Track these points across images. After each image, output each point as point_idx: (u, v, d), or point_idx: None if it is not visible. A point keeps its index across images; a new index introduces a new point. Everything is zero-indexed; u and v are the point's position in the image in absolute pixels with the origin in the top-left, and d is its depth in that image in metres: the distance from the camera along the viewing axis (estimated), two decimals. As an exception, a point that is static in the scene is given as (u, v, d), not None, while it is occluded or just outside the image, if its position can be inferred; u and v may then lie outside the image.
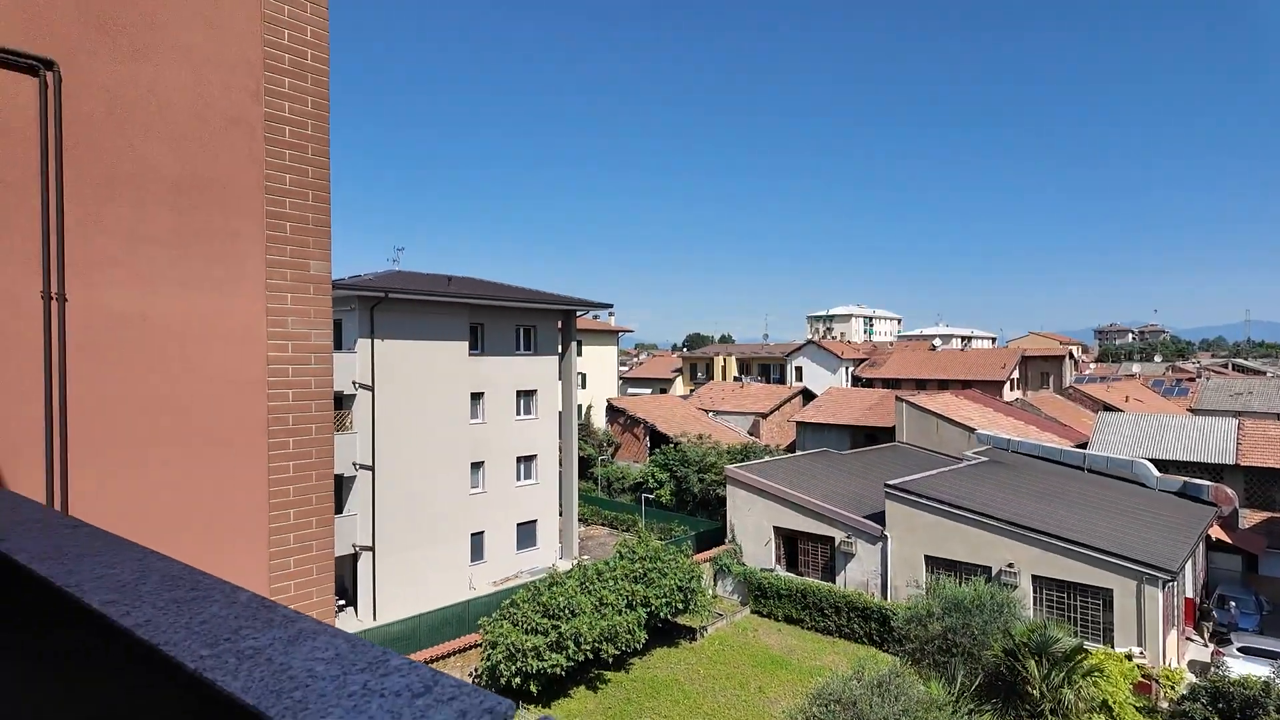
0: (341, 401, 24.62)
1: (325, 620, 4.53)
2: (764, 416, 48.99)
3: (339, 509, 24.46)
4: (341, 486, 24.74)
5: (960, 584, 20.18)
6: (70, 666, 1.50)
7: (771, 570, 25.68)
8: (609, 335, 58.62)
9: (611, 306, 37.64)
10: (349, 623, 23.79)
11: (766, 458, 34.54)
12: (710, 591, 25.08)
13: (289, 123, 4.43)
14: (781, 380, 63.23)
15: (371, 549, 24.68)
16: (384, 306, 25.07)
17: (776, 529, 26.09)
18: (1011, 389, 52.55)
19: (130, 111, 3.79)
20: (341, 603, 25.04)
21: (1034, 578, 20.27)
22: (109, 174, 3.71)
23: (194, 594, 1.39)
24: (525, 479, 30.61)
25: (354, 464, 24.51)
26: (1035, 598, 20.28)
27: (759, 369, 67.47)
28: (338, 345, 25.40)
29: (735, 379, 64.58)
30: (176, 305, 3.93)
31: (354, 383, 24.58)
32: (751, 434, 47.47)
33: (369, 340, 24.81)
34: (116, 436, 3.70)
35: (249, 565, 4.19)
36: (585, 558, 26.97)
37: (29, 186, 3.45)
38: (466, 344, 27.88)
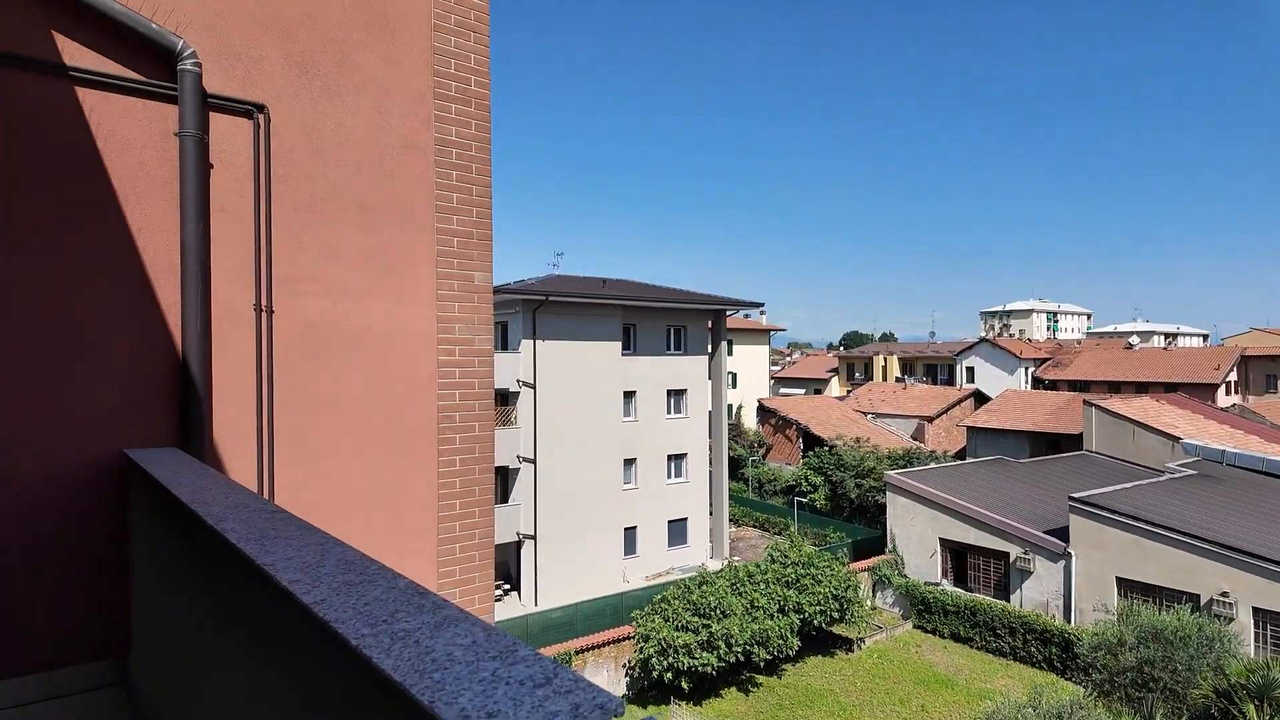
0: (506, 399, 26.24)
1: (485, 603, 4.89)
2: (929, 420, 46.24)
3: (504, 499, 26.10)
4: (506, 478, 26.38)
5: (1159, 611, 17.94)
6: (266, 632, 1.75)
7: (937, 584, 24.22)
8: (760, 334, 57.92)
9: (762, 305, 37.25)
10: (513, 607, 25.30)
11: (932, 464, 32.62)
12: (868, 602, 24.09)
13: (455, 145, 4.82)
14: (950, 382, 59.32)
15: (534, 537, 26.10)
16: (545, 309, 26.41)
17: (943, 541, 24.55)
18: (1228, 393, 45.91)
19: (324, 143, 4.29)
20: (506, 587, 26.70)
21: (1256, 611, 17.61)
22: (307, 199, 4.23)
23: (362, 578, 1.58)
24: (675, 477, 31.01)
25: (518, 457, 26.03)
26: (1257, 633, 17.61)
27: (924, 369, 63.75)
28: (503, 346, 27.12)
29: (897, 379, 61.46)
30: (362, 314, 4.41)
31: (518, 381, 26.10)
32: (915, 439, 44.97)
33: (531, 341, 26.25)
34: (313, 431, 4.21)
35: (420, 549, 4.60)
36: (736, 559, 26.86)
37: (245, 213, 4.02)
38: (620, 344, 28.71)
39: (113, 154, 3.63)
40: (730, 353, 41.42)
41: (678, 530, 30.76)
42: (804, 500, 35.39)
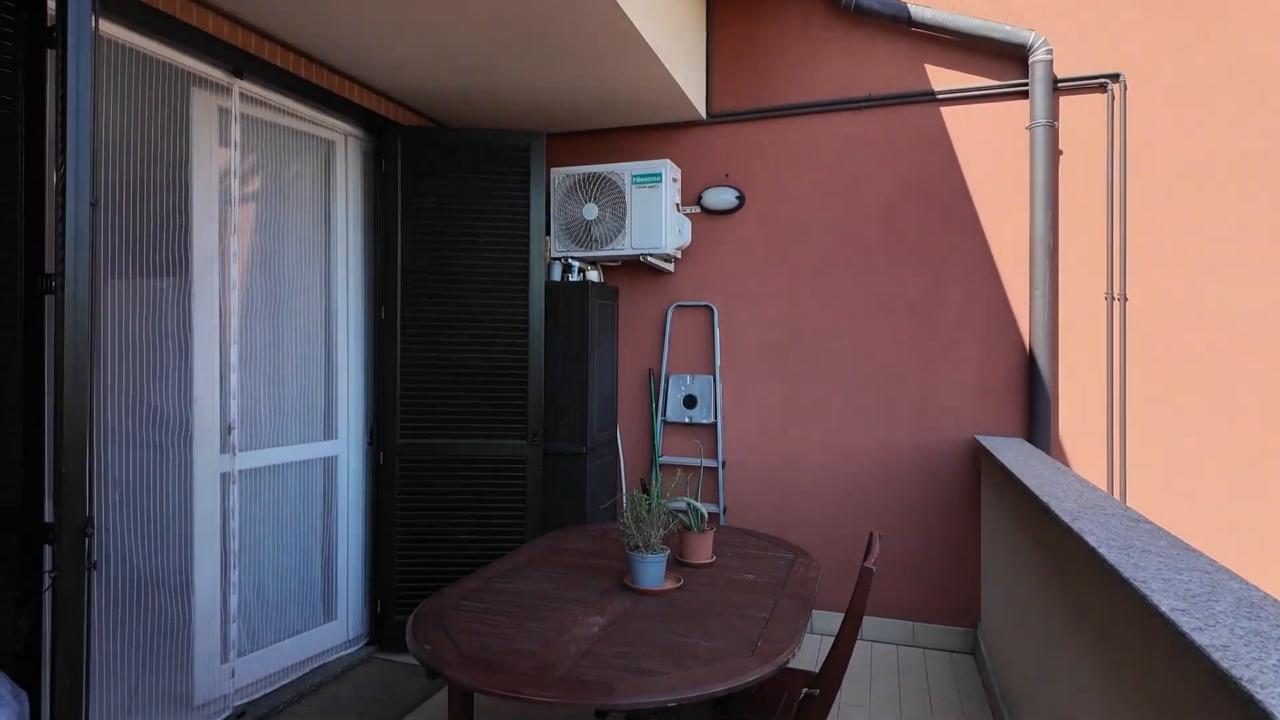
0: None
1: None
2: None
3: None
4: None
5: None
6: (1122, 647, 1.51)
7: None
8: None
9: None
10: None
11: None
12: None
13: None
14: None
15: None
16: None
17: None
18: None
19: (1185, 100, 3.61)
20: None
21: None
22: (1168, 169, 3.64)
23: (1278, 630, 1.17)
24: None
25: None
26: None
27: None
28: None
29: None
30: (1238, 296, 3.53)
31: None
32: None
33: None
34: (1172, 436, 3.60)
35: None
36: None
37: (1096, 195, 3.74)
38: None
39: (968, 160, 3.94)
40: None
41: None
42: None
